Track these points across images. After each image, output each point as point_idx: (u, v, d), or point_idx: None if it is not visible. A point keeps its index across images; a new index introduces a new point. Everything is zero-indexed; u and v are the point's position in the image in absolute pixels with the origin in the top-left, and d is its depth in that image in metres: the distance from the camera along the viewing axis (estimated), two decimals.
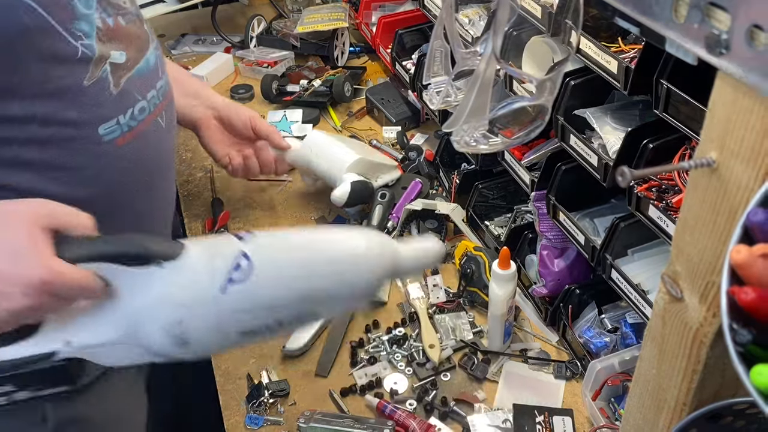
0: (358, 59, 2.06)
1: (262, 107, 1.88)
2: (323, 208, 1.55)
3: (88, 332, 0.77)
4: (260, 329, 0.81)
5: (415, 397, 1.14)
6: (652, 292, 0.99)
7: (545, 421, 1.08)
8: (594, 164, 1.01)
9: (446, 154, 1.55)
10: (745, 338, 0.47)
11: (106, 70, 0.91)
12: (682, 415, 0.65)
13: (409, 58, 1.64)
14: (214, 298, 0.77)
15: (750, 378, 0.46)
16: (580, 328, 1.16)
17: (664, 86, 0.85)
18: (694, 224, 0.58)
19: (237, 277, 0.77)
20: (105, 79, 0.91)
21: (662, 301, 0.64)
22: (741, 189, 0.52)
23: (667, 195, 0.92)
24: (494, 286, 1.15)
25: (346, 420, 1.08)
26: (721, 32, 0.49)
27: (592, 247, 1.07)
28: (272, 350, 1.24)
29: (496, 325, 1.18)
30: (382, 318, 1.29)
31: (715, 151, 0.53)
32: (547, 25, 0.98)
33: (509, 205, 1.44)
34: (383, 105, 1.79)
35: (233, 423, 1.13)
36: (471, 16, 1.31)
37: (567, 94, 1.03)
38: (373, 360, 1.21)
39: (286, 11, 2.17)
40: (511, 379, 1.18)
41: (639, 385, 0.72)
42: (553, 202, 1.13)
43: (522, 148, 1.22)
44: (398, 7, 1.88)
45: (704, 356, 0.60)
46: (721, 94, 0.52)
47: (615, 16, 0.66)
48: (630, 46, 0.96)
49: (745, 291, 0.47)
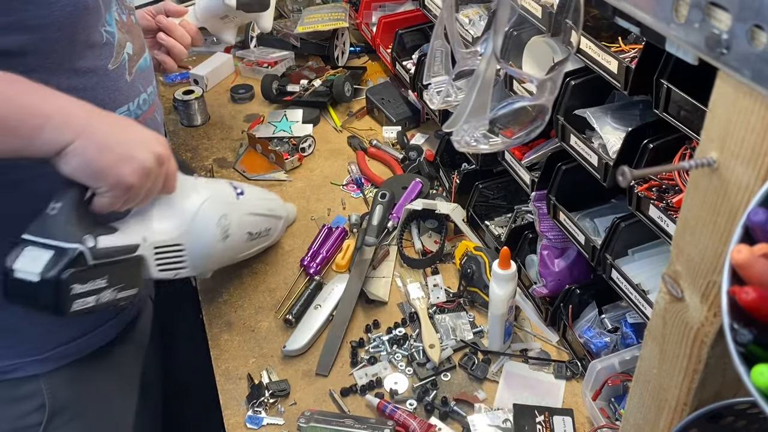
0: (358, 59, 2.06)
1: (262, 107, 1.88)
2: (322, 209, 1.55)
3: (159, 229, 0.98)
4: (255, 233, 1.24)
5: (415, 397, 1.14)
6: (652, 292, 0.99)
7: (545, 421, 1.08)
8: (594, 164, 1.01)
9: (446, 154, 1.55)
10: (745, 338, 0.47)
11: (125, 57, 1.01)
12: (683, 415, 0.65)
13: (410, 58, 1.64)
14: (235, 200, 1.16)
15: (751, 378, 0.46)
16: (581, 328, 1.16)
17: (665, 86, 0.85)
18: (695, 224, 0.58)
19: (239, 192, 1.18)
20: (123, 65, 1.01)
21: (663, 301, 0.64)
22: (741, 189, 0.52)
23: (668, 195, 0.92)
24: (494, 286, 1.15)
25: (347, 420, 1.08)
26: (721, 32, 0.49)
27: (593, 247, 1.07)
28: (272, 350, 1.24)
29: (497, 325, 1.18)
30: (383, 318, 1.29)
31: (716, 151, 0.53)
32: (547, 25, 0.98)
33: (509, 205, 1.44)
34: (383, 105, 1.79)
35: (233, 423, 1.13)
36: (471, 16, 1.31)
37: (567, 94, 1.03)
38: (373, 360, 1.21)
39: (286, 11, 2.17)
40: (511, 379, 1.18)
41: (639, 385, 0.72)
42: (554, 202, 1.13)
43: (522, 148, 1.22)
44: (398, 7, 1.89)
45: (705, 356, 0.60)
46: (722, 94, 0.52)
47: (615, 15, 0.66)
48: (630, 46, 0.96)
49: (745, 291, 0.47)
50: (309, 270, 1.37)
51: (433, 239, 1.46)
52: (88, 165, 0.84)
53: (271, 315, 1.31)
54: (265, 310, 1.32)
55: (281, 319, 1.29)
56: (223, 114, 1.87)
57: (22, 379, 1.03)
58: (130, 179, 0.87)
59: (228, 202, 1.13)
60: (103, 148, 0.85)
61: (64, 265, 0.83)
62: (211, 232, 1.07)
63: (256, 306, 1.33)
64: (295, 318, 1.27)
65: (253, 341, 1.26)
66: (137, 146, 0.89)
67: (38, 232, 0.85)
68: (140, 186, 0.89)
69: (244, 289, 1.36)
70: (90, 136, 0.84)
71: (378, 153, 1.70)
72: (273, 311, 1.32)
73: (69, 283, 0.84)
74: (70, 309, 0.85)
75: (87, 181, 0.86)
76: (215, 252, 1.11)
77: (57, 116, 0.82)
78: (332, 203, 1.57)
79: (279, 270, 1.40)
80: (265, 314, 1.31)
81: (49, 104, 0.83)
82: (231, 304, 1.33)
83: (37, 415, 1.05)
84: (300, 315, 1.28)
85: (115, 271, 0.91)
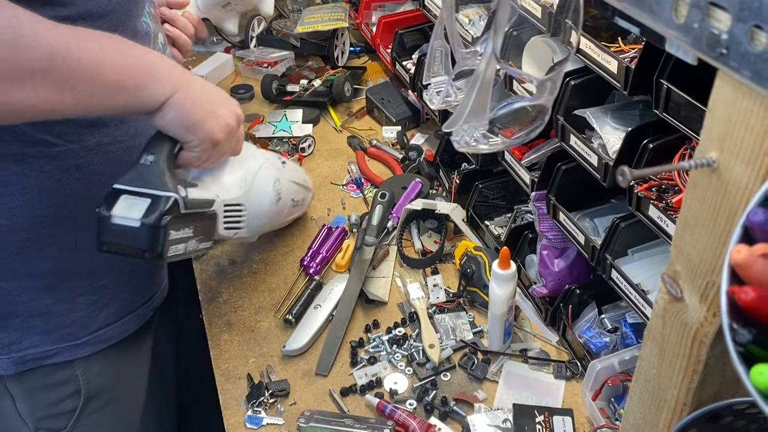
0: (358, 59, 2.06)
1: (262, 107, 1.88)
2: (322, 208, 1.55)
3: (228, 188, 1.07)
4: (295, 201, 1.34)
5: (415, 397, 1.14)
6: (652, 292, 0.99)
7: (545, 421, 1.08)
8: (594, 164, 1.01)
9: (446, 154, 1.55)
10: (745, 338, 0.47)
11: (159, 47, 1.05)
12: (682, 415, 0.65)
13: (409, 58, 1.64)
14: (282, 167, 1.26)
15: (750, 378, 0.46)
16: (580, 328, 1.16)
17: (664, 86, 0.85)
18: (695, 224, 0.58)
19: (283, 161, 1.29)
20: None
21: (662, 301, 0.64)
22: (741, 189, 0.52)
23: (667, 195, 0.92)
24: (494, 286, 1.15)
25: (346, 420, 1.08)
26: (721, 32, 0.49)
27: (592, 247, 1.07)
28: (272, 350, 1.24)
29: (496, 325, 1.18)
30: (382, 318, 1.29)
31: (715, 151, 0.53)
32: (547, 25, 0.98)
33: (509, 205, 1.44)
34: (383, 105, 1.79)
35: (233, 423, 1.13)
36: (471, 16, 1.31)
37: (567, 94, 1.03)
38: (373, 360, 1.21)
39: (286, 11, 2.17)
40: (511, 379, 1.18)
41: (639, 385, 0.72)
42: (553, 202, 1.13)
43: (522, 148, 1.22)
44: (398, 7, 1.89)
45: (704, 356, 0.60)
46: (721, 95, 0.52)
47: (615, 16, 0.66)
48: (630, 46, 0.96)
49: (745, 291, 0.47)
50: (309, 270, 1.37)
51: (433, 239, 1.46)
52: (184, 118, 0.90)
53: (270, 315, 1.31)
54: (265, 310, 1.32)
55: (281, 319, 1.29)
56: None
57: (57, 365, 1.04)
58: (218, 135, 0.94)
59: (278, 168, 1.24)
60: (197, 103, 0.91)
61: (163, 211, 0.89)
62: (267, 194, 1.19)
63: (256, 306, 1.33)
64: (295, 318, 1.27)
65: (253, 341, 1.26)
66: (222, 105, 0.96)
67: (133, 182, 0.90)
68: (224, 142, 0.97)
69: (244, 289, 1.36)
70: (186, 91, 0.90)
71: (378, 153, 1.70)
72: (273, 311, 1.32)
73: (167, 229, 0.89)
74: (167, 254, 0.91)
75: (180, 133, 0.92)
76: (269, 214, 1.21)
77: (161, 71, 0.88)
78: (332, 203, 1.57)
79: (279, 270, 1.40)
80: (265, 314, 1.31)
81: (153, 60, 0.89)
82: (231, 304, 1.33)
83: (71, 402, 1.06)
84: (300, 315, 1.28)
85: (198, 223, 0.97)
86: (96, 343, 1.06)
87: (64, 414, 1.07)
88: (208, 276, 1.39)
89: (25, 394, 1.05)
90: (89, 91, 0.81)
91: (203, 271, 1.40)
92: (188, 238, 0.95)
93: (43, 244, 0.95)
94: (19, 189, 0.91)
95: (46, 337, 1.02)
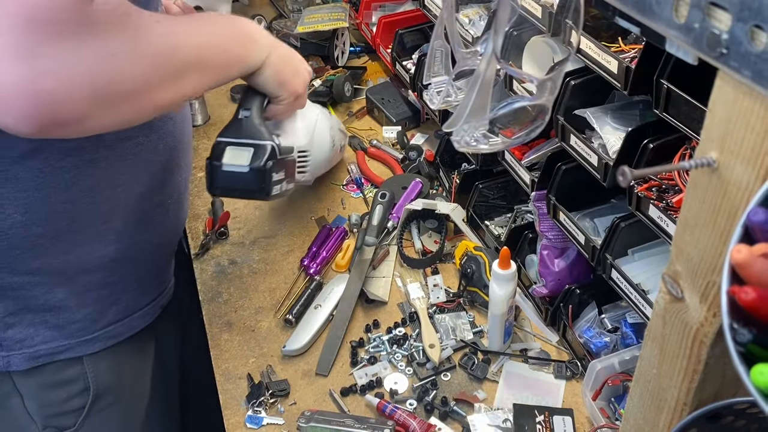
0: (358, 59, 2.06)
1: None
2: (323, 209, 1.55)
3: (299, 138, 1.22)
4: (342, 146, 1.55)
5: (415, 397, 1.14)
6: (652, 292, 0.99)
7: (545, 421, 1.08)
8: (594, 164, 1.01)
9: (446, 154, 1.55)
10: (745, 338, 0.47)
11: None
12: (683, 415, 0.65)
13: (410, 58, 1.64)
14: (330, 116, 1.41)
15: (750, 377, 0.45)
16: (580, 328, 1.16)
17: (665, 86, 0.85)
18: (695, 224, 0.58)
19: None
20: None
21: (663, 301, 0.64)
22: (741, 189, 0.52)
23: (668, 195, 0.92)
24: (494, 286, 1.15)
25: (346, 420, 1.08)
26: (721, 32, 0.49)
27: (593, 247, 1.07)
28: (272, 350, 1.24)
29: (496, 325, 1.18)
30: (382, 318, 1.29)
31: (716, 151, 0.53)
32: (547, 25, 0.98)
33: (509, 205, 1.44)
34: (383, 105, 1.79)
35: (233, 423, 1.13)
36: (471, 16, 1.31)
37: (567, 94, 1.03)
38: (373, 360, 1.21)
39: (286, 11, 2.17)
40: (511, 378, 1.18)
41: (639, 385, 0.72)
42: (554, 201, 1.13)
43: (522, 148, 1.22)
44: (398, 7, 1.88)
45: (705, 356, 0.60)
46: (722, 95, 0.52)
47: (615, 16, 0.66)
48: (630, 46, 0.96)
49: (745, 291, 0.47)
50: (309, 270, 1.37)
51: (433, 239, 1.46)
52: (277, 74, 1.03)
53: (271, 315, 1.31)
54: (265, 310, 1.32)
55: (281, 319, 1.29)
56: (223, 114, 1.86)
57: (66, 361, 1.04)
58: (300, 89, 1.09)
59: (329, 117, 1.42)
60: (286, 61, 1.05)
61: (267, 157, 1.05)
62: (326, 141, 1.38)
63: (256, 306, 1.33)
64: (295, 318, 1.27)
65: (253, 341, 1.26)
66: (299, 62, 1.10)
67: (235, 134, 1.06)
68: (304, 95, 1.12)
69: (244, 289, 1.36)
70: (276, 51, 1.02)
71: (378, 153, 1.70)
72: (273, 311, 1.32)
73: (271, 171, 1.05)
74: (272, 192, 1.07)
75: (273, 89, 1.05)
76: (325, 158, 1.40)
77: (257, 35, 0.99)
78: (332, 203, 1.57)
79: (279, 270, 1.40)
80: (265, 314, 1.31)
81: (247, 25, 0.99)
82: (231, 304, 1.33)
83: (80, 399, 1.07)
84: (300, 315, 1.28)
85: (287, 166, 1.11)
86: (105, 338, 1.07)
87: (73, 412, 1.07)
88: (208, 276, 1.39)
89: (34, 392, 1.05)
90: (221, 71, 0.92)
91: (203, 271, 1.40)
92: (282, 180, 1.09)
93: (56, 239, 0.95)
94: (35, 185, 0.91)
95: (57, 332, 1.02)
